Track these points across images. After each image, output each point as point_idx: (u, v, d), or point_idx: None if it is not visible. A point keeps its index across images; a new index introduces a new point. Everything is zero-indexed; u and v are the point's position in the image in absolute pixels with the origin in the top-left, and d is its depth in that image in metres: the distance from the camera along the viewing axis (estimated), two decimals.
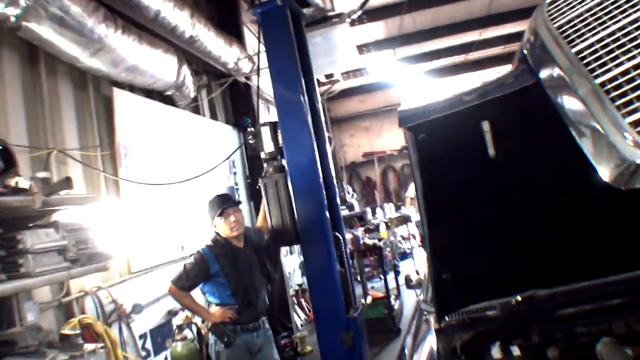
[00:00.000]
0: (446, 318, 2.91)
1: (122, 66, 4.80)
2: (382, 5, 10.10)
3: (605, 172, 1.37)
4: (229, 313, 4.14)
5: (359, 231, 8.58)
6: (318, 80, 10.78)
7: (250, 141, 4.85)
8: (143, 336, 4.88)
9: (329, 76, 10.94)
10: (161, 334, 4.99)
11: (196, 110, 6.96)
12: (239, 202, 4.50)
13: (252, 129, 4.87)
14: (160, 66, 5.41)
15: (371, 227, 9.51)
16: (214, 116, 7.47)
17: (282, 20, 4.86)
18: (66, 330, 3.31)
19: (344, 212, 11.33)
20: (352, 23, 9.27)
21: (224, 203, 4.35)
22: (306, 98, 4.79)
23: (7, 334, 2.95)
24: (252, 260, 4.34)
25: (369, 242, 7.91)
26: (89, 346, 3.19)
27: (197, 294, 4.32)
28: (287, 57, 4.78)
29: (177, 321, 5.02)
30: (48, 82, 4.43)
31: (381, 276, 8.43)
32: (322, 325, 4.61)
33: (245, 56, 7.59)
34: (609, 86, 1.41)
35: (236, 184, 7.54)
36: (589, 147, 1.44)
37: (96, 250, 3.26)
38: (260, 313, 4.29)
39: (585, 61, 1.52)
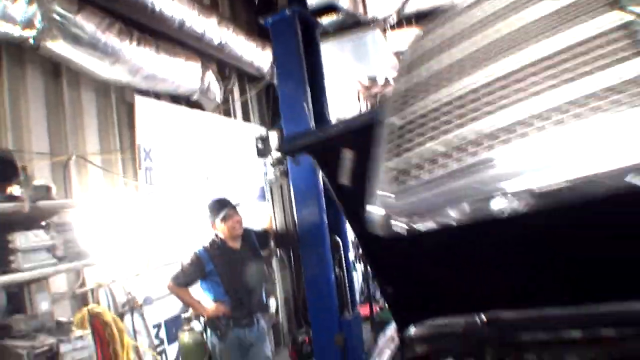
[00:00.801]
0: (411, 329, 3.02)
1: (139, 75, 5.29)
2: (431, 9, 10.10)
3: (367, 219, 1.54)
4: (222, 308, 4.54)
5: None
6: (360, 82, 11.00)
7: (259, 145, 5.22)
8: (157, 326, 5.39)
9: (372, 79, 11.11)
10: (176, 325, 5.46)
11: (228, 112, 7.42)
12: (238, 205, 4.87)
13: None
14: (182, 73, 5.88)
15: None
16: (247, 118, 7.90)
17: (290, 30, 5.18)
18: (60, 318, 3.80)
19: None
20: (394, 27, 9.41)
21: (226, 206, 4.74)
22: (311, 106, 5.08)
23: (3, 321, 3.47)
24: (247, 261, 4.71)
25: None
26: (78, 332, 3.68)
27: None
28: (293, 66, 5.10)
29: (187, 313, 5.46)
30: (70, 93, 5.00)
31: None
32: (316, 325, 4.92)
33: None
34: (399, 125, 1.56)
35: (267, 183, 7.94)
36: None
37: (84, 248, 3.74)
38: (253, 310, 4.66)
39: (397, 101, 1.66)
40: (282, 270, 7.87)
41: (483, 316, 2.83)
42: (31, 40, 4.30)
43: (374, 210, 1.47)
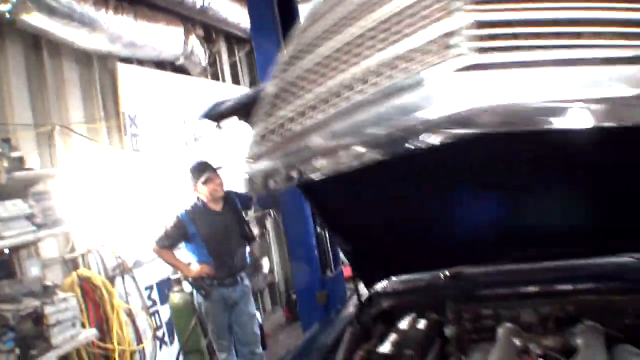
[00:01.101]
0: (376, 286, 3.16)
1: (120, 43, 5.45)
2: None
3: None
4: (206, 269, 4.79)
5: None
6: None
7: None
8: (149, 288, 5.69)
9: None
10: (167, 286, 5.74)
11: (217, 76, 7.56)
12: (220, 168, 5.07)
13: None
14: (163, 39, 6.02)
15: None
16: (236, 81, 8.03)
17: None
18: (48, 283, 4.07)
19: None
20: None
21: (207, 169, 4.93)
22: None
23: None
24: (229, 222, 4.94)
25: None
26: (63, 295, 3.96)
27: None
28: (268, 28, 5.22)
29: (177, 275, 5.72)
30: (52, 64, 5.19)
31: None
32: (299, 283, 5.18)
33: None
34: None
35: None
36: None
37: (63, 215, 3.99)
38: (236, 270, 4.91)
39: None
40: (277, 231, 8.12)
41: (446, 272, 3.00)
42: (7, 15, 4.46)
43: (242, 174, 1.69)
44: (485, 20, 1.07)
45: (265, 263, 7.02)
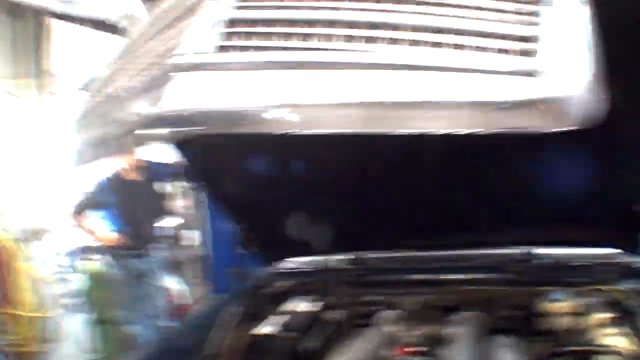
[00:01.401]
0: (278, 265, 3.14)
1: None
2: None
3: None
4: (120, 238, 4.75)
5: None
6: None
7: None
8: (63, 254, 5.64)
9: None
10: (81, 253, 5.61)
11: None
12: None
13: None
14: None
15: None
16: None
17: None
18: None
19: None
20: None
21: None
22: None
23: None
24: (147, 193, 4.90)
25: None
26: None
27: None
28: None
29: (91, 243, 5.60)
30: None
31: None
32: (214, 257, 5.18)
33: None
34: None
35: None
36: None
37: None
38: (148, 241, 4.92)
39: None
40: None
41: (343, 257, 3.00)
42: None
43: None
44: (227, 18, 1.07)
45: (192, 236, 6.92)
